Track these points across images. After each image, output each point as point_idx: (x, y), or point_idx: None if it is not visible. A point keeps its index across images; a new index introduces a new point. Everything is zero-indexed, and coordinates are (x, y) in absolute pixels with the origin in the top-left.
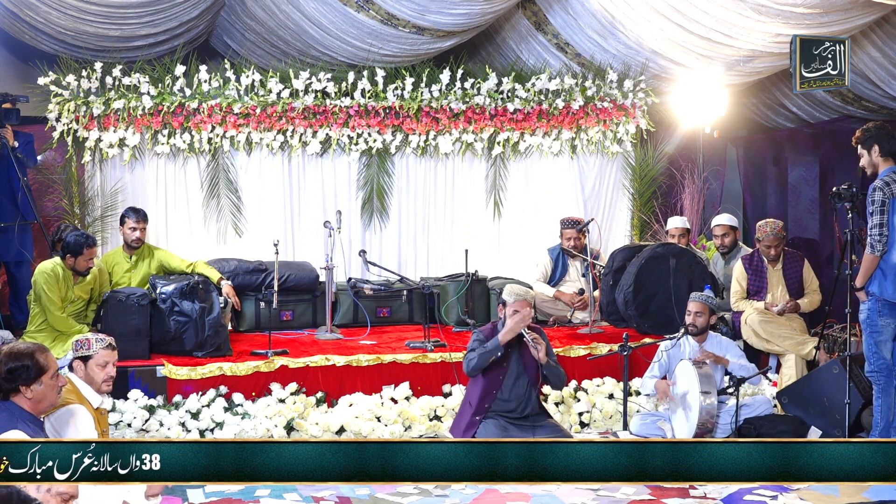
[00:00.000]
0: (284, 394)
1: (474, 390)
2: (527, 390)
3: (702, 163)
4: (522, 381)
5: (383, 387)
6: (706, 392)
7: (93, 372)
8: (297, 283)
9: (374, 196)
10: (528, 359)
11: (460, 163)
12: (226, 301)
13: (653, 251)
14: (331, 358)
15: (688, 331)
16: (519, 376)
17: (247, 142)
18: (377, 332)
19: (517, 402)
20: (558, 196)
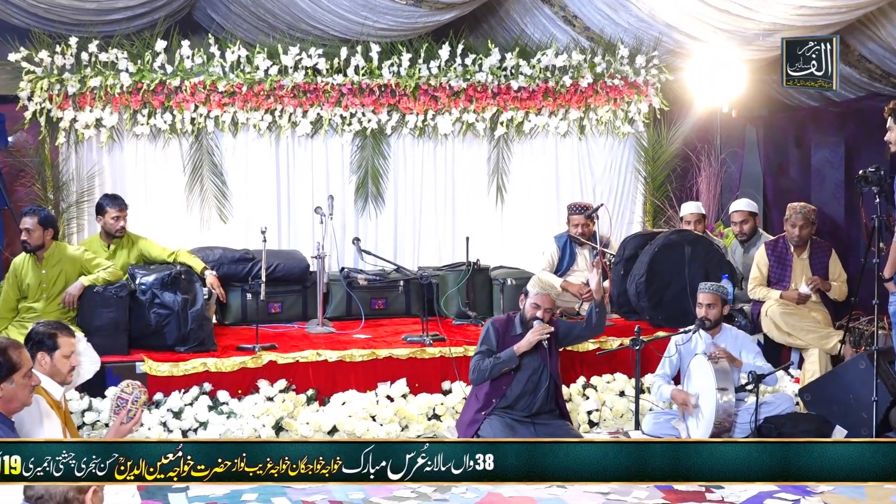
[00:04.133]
0: (273, 391)
1: (482, 384)
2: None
3: (719, 144)
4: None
5: (378, 384)
6: (723, 389)
7: (59, 364)
8: (287, 273)
9: (369, 180)
10: (543, 355)
11: (461, 144)
12: (210, 292)
13: (667, 238)
14: (322, 353)
15: (703, 325)
16: (532, 373)
17: (232, 122)
18: (372, 326)
19: (527, 399)
20: (565, 180)
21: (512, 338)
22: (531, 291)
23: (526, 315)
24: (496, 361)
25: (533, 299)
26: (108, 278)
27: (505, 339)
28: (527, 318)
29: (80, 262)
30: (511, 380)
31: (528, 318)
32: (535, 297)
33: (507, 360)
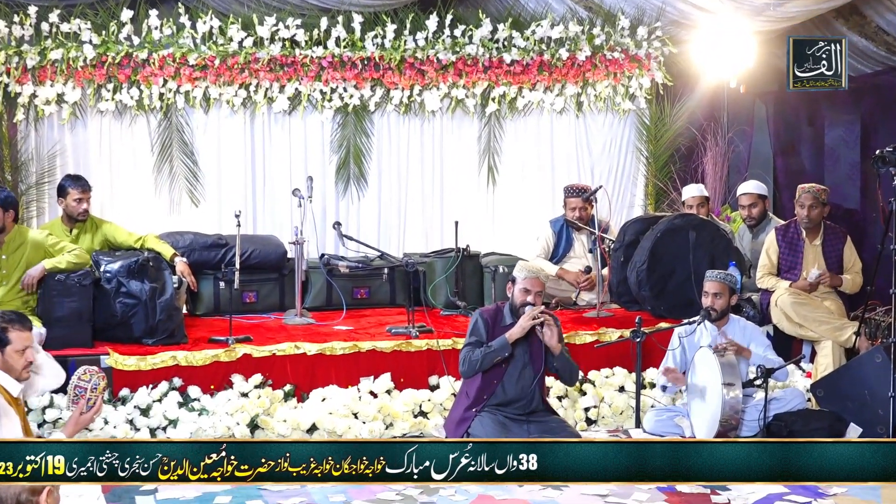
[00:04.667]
0: (248, 387)
1: (473, 379)
2: (532, 382)
3: (726, 122)
4: (528, 371)
5: (361, 378)
6: (729, 384)
7: (11, 359)
8: (262, 260)
9: (351, 160)
10: (536, 346)
11: (449, 122)
12: (180, 280)
13: (670, 223)
14: (301, 346)
15: (708, 315)
16: (525, 366)
17: (204, 98)
18: (354, 316)
19: (521, 395)
20: (561, 160)
21: (502, 328)
22: (518, 277)
23: (516, 302)
24: (487, 350)
25: (521, 284)
26: (74, 261)
27: (494, 330)
28: (517, 306)
29: (43, 247)
30: (502, 374)
31: (518, 306)
32: (524, 281)
33: (498, 348)
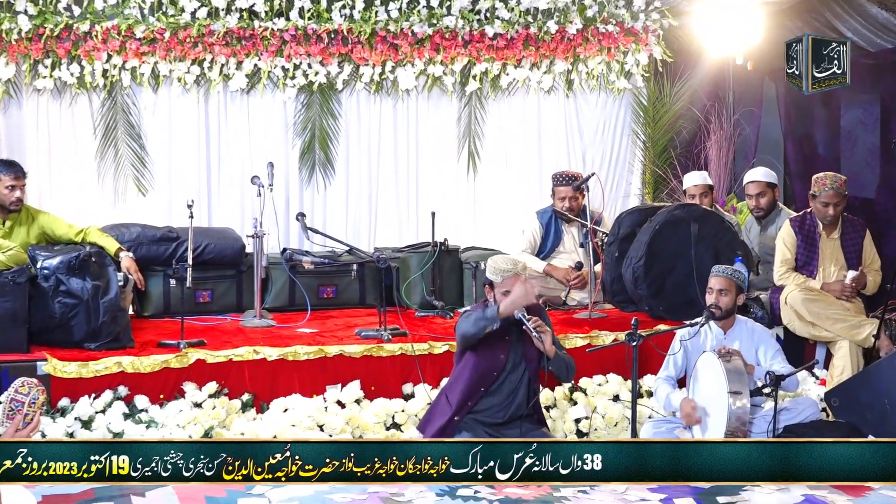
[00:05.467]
0: (201, 396)
1: (458, 384)
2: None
3: (732, 102)
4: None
5: (327, 387)
6: (736, 392)
7: None
8: (218, 256)
9: (316, 144)
10: (529, 349)
11: (425, 102)
12: (126, 278)
13: (669, 214)
14: (260, 350)
15: (712, 314)
16: (514, 368)
17: (152, 75)
18: (320, 318)
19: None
20: (550, 144)
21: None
22: (495, 280)
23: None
24: (480, 315)
25: (502, 287)
26: (7, 262)
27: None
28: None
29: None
30: (490, 383)
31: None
32: (504, 283)
33: (490, 317)
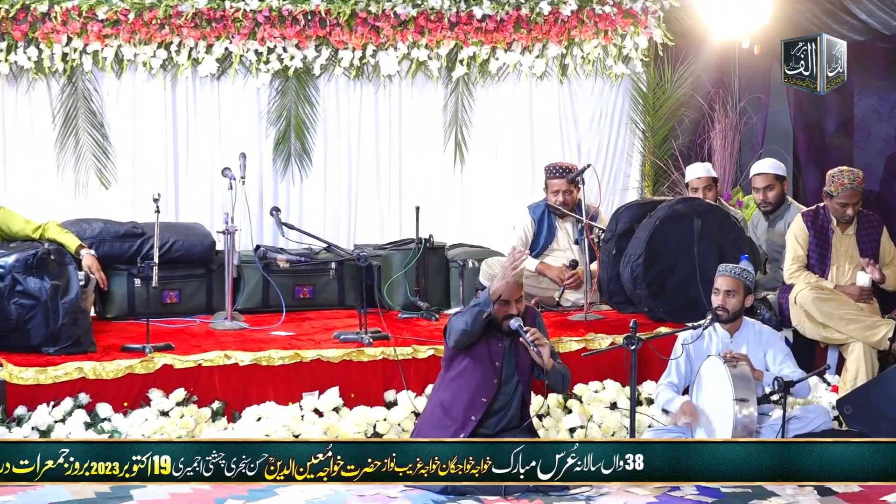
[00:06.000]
0: (168, 404)
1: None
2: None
3: (738, 89)
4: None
5: (304, 394)
6: (742, 400)
7: None
8: (186, 253)
9: (292, 134)
10: (522, 358)
11: (409, 89)
12: (87, 277)
13: (671, 209)
14: (232, 355)
15: (716, 316)
16: (508, 379)
17: (116, 59)
18: (296, 320)
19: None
20: (542, 134)
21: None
22: (489, 286)
23: (496, 316)
24: (472, 304)
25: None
26: None
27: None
28: (498, 320)
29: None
30: (492, 392)
31: (499, 319)
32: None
33: (483, 302)
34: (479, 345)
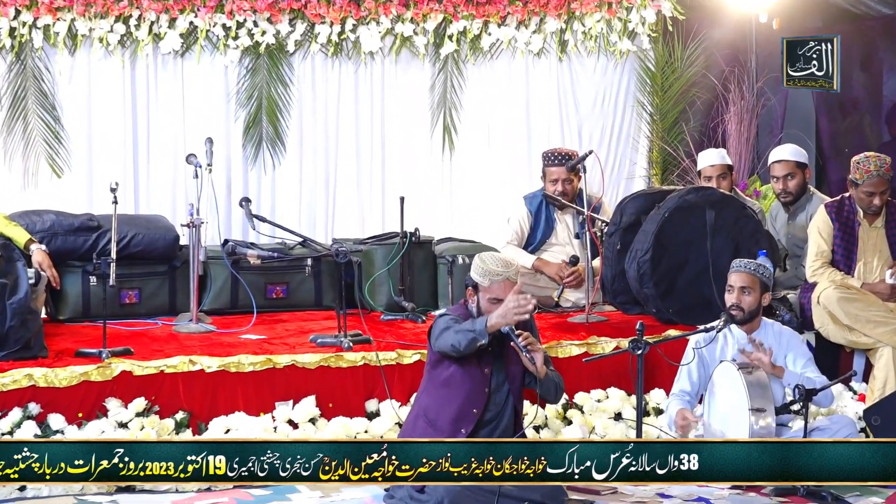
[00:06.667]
0: (127, 414)
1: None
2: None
3: (755, 68)
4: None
5: (277, 403)
6: (759, 410)
7: None
8: (147, 248)
9: (263, 117)
10: (511, 366)
11: (393, 67)
12: (38, 275)
13: (681, 200)
14: (197, 360)
15: (731, 317)
16: (498, 388)
17: (69, 35)
18: (268, 322)
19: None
20: (540, 117)
21: None
22: (481, 282)
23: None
24: (465, 328)
25: (490, 293)
26: None
27: None
28: None
29: None
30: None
31: None
32: (493, 288)
33: (478, 330)
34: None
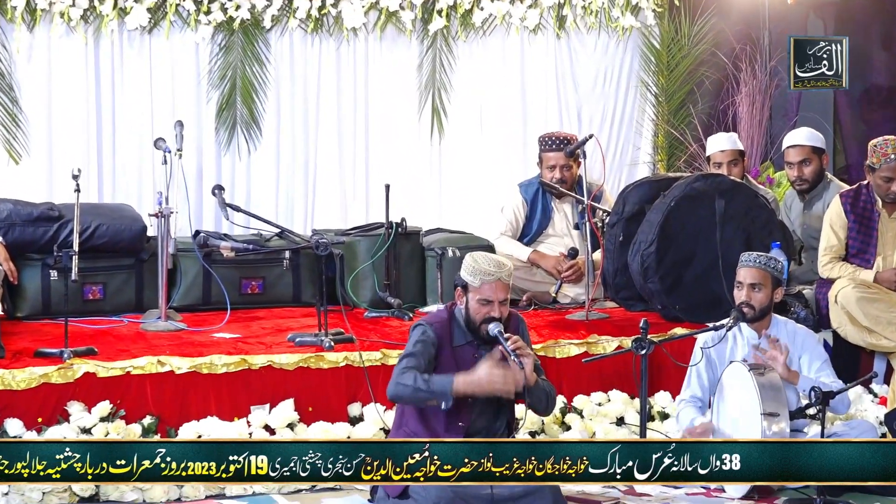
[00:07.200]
0: (91, 419)
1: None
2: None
3: (768, 45)
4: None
5: (252, 407)
6: (772, 414)
7: None
8: (112, 240)
9: (238, 98)
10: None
11: (377, 44)
12: None
13: (688, 188)
14: (166, 361)
15: (741, 315)
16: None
17: (28, 9)
18: (242, 319)
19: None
20: (536, 98)
21: (455, 350)
22: (471, 281)
23: (473, 318)
24: (421, 388)
25: (479, 293)
26: None
27: (443, 351)
28: (475, 323)
29: None
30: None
31: (476, 322)
32: (483, 288)
33: (438, 392)
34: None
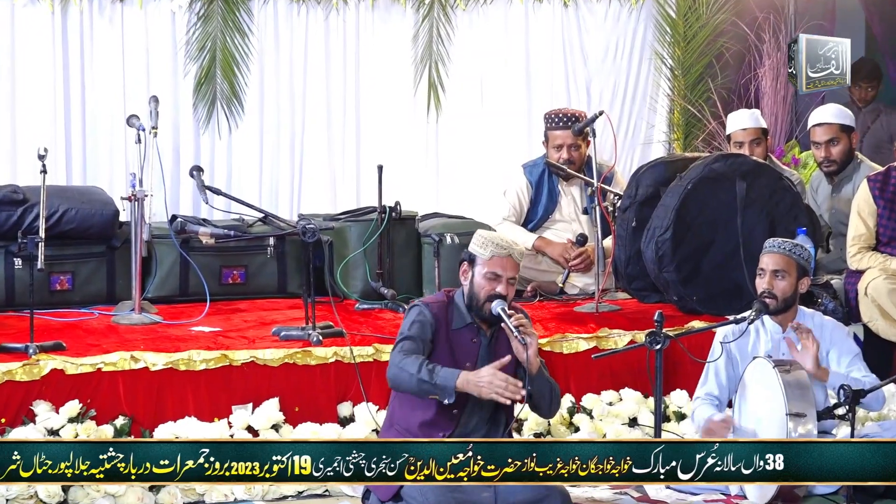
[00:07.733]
0: (59, 420)
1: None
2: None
3: (793, 14)
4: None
5: (233, 407)
6: (798, 415)
7: None
8: (81, 225)
9: (218, 72)
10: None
11: (369, 14)
12: None
13: (707, 169)
14: (140, 357)
15: (765, 307)
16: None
17: None
18: (223, 312)
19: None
20: (541, 72)
21: (453, 333)
22: (480, 255)
23: (477, 293)
24: (426, 378)
25: (486, 267)
26: None
27: (439, 333)
28: (479, 300)
29: None
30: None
31: (480, 299)
32: (490, 262)
33: (440, 387)
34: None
